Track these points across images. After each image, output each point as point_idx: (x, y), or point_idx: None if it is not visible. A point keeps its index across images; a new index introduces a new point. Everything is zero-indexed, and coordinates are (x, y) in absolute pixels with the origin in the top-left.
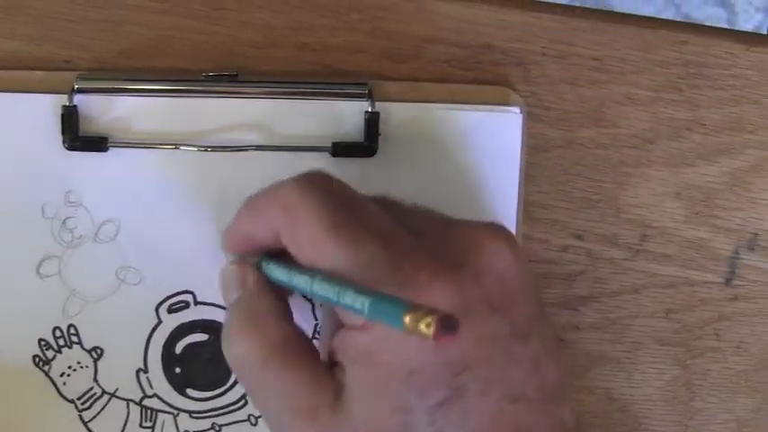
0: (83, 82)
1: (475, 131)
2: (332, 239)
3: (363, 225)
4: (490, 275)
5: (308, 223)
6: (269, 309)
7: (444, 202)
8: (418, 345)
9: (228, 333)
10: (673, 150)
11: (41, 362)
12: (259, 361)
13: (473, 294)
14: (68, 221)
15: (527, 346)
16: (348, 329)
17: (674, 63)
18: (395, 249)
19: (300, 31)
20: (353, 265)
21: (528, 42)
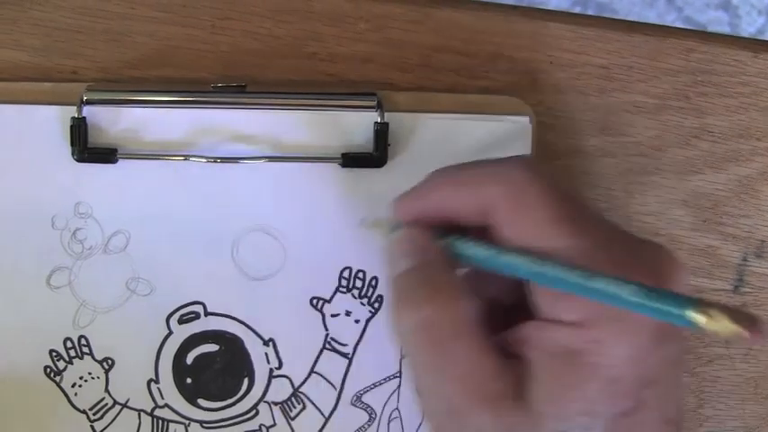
0: (91, 93)
1: (484, 141)
2: (566, 227)
3: (589, 220)
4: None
5: (539, 208)
6: (457, 281)
7: None
8: (628, 354)
9: (406, 300)
10: (680, 158)
11: (53, 373)
12: (447, 335)
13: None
14: (78, 233)
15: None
16: (548, 324)
17: (681, 71)
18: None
19: (307, 41)
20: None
21: (536, 51)
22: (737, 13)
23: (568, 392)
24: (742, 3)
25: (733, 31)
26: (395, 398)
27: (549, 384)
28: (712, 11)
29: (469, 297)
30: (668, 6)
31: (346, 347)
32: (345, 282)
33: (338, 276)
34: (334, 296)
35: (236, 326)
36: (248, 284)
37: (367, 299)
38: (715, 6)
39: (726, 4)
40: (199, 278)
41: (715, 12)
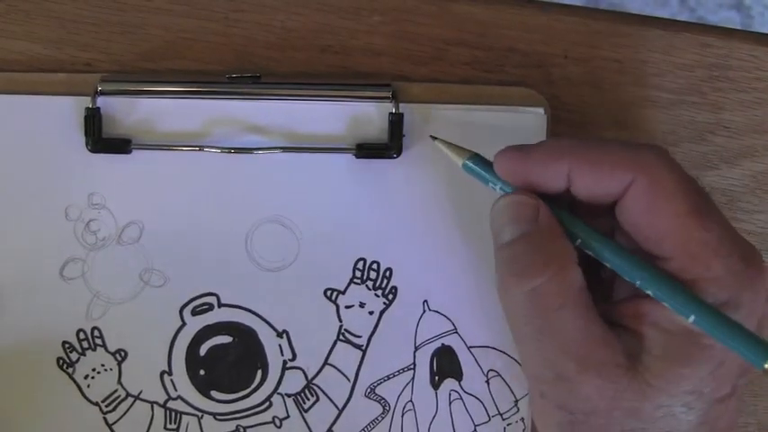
0: (106, 84)
1: (499, 132)
2: (696, 222)
3: (720, 215)
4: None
5: (673, 199)
6: (569, 251)
7: (468, 203)
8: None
9: (522, 268)
10: (695, 153)
11: (66, 364)
12: (555, 304)
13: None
14: (92, 224)
15: None
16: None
17: (696, 65)
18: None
19: (320, 34)
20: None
21: (550, 45)
22: (750, 14)
23: (682, 370)
24: (755, 3)
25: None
26: (408, 390)
27: (663, 360)
28: (725, 11)
29: (577, 266)
30: (681, 6)
31: (360, 339)
32: (359, 273)
33: (352, 267)
34: (348, 287)
35: (249, 317)
36: (262, 276)
37: (381, 290)
38: (728, 6)
39: (738, 4)
40: (212, 269)
41: (728, 12)
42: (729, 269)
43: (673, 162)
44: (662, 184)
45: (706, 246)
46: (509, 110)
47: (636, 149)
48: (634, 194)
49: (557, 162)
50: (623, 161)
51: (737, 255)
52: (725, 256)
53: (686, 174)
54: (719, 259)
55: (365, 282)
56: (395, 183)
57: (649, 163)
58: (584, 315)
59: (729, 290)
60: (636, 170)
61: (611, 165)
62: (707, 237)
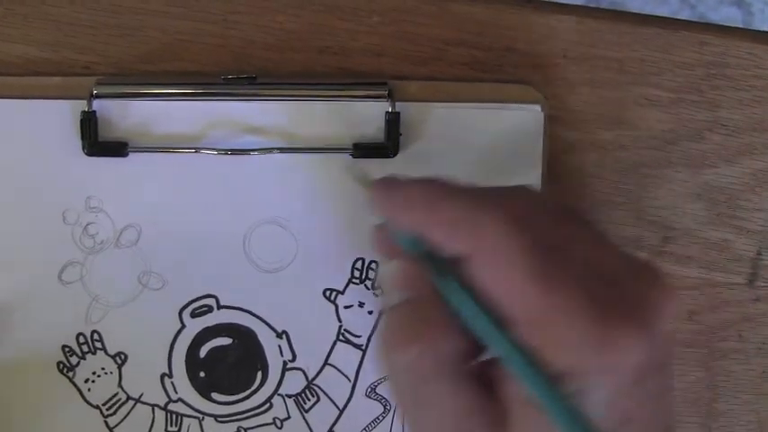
0: (101, 87)
1: (496, 130)
2: (536, 287)
3: (570, 275)
4: (666, 337)
5: (511, 265)
6: (441, 318)
7: None
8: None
9: (392, 339)
10: (694, 151)
11: (66, 368)
12: (426, 374)
13: (654, 353)
14: (90, 227)
15: (671, 394)
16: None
17: (694, 64)
18: (598, 304)
19: (319, 35)
20: (554, 318)
21: (548, 45)
22: (750, 11)
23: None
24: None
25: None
26: None
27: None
28: (725, 7)
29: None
30: (681, 3)
31: (360, 339)
32: (358, 273)
33: (351, 267)
34: (347, 287)
35: (249, 319)
36: (261, 277)
37: (380, 290)
38: (728, 3)
39: (739, 1)
40: (211, 271)
41: (728, 8)
42: (577, 334)
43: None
44: (499, 251)
45: (547, 312)
46: (506, 107)
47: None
48: (476, 259)
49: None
50: (462, 221)
51: (588, 318)
52: (569, 322)
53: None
54: (566, 325)
55: (364, 281)
56: None
57: (488, 228)
58: (458, 385)
59: (573, 358)
60: (474, 235)
61: (450, 223)
62: (549, 302)
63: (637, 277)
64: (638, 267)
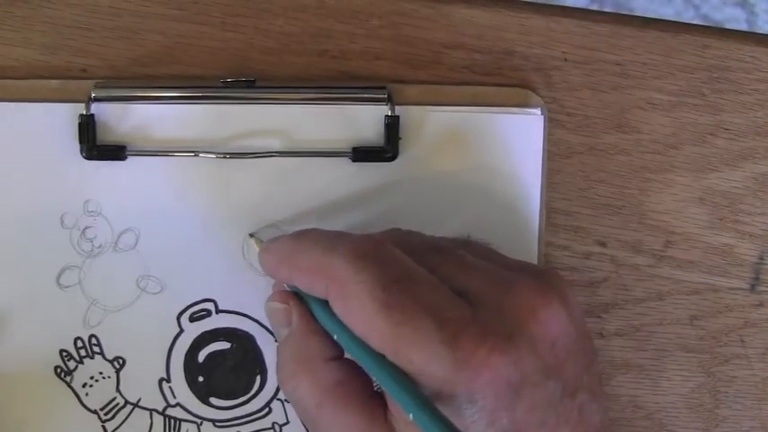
0: (100, 90)
1: (496, 134)
2: (385, 320)
3: (417, 303)
4: (544, 343)
5: (360, 302)
6: (319, 349)
7: (466, 206)
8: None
9: (282, 376)
10: (696, 156)
11: (63, 373)
12: (313, 404)
13: (528, 364)
14: (88, 231)
15: (575, 400)
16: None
17: (696, 67)
18: (450, 327)
19: (319, 38)
20: (408, 346)
21: (549, 48)
22: (754, 11)
23: None
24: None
25: (749, 29)
26: None
27: None
28: (729, 8)
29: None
30: (685, 4)
31: None
32: None
33: None
34: None
35: (247, 323)
36: (259, 281)
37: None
38: (732, 4)
39: (743, 1)
40: (210, 275)
41: (732, 9)
42: (431, 357)
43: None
44: (347, 289)
45: (401, 340)
46: (506, 111)
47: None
48: (331, 301)
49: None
50: (316, 267)
51: (438, 340)
52: (423, 346)
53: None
54: (417, 350)
55: None
56: (392, 186)
57: (336, 269)
58: (342, 409)
59: (438, 380)
60: (327, 278)
61: (307, 270)
62: (399, 331)
63: (505, 293)
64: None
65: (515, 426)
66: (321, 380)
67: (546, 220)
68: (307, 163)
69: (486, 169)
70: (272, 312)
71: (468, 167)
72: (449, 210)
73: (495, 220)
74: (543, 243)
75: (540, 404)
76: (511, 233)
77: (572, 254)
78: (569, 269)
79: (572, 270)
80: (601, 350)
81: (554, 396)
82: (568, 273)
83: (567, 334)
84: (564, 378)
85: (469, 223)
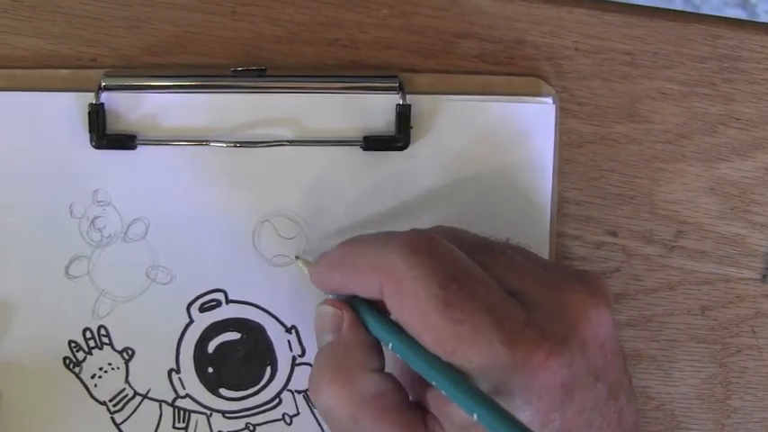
0: (109, 79)
1: (507, 123)
2: (443, 318)
3: (475, 301)
4: (594, 344)
5: (416, 299)
6: (362, 359)
7: (477, 195)
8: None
9: (318, 381)
10: (707, 145)
11: (72, 364)
12: (348, 415)
13: (580, 366)
14: (97, 221)
15: (617, 402)
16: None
17: (707, 57)
18: (508, 328)
19: (329, 27)
20: (466, 345)
21: (560, 37)
22: (755, 12)
23: None
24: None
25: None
26: None
27: None
28: (730, 8)
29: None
30: (685, 4)
31: None
32: None
33: None
34: None
35: (257, 313)
36: (270, 271)
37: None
38: (733, 4)
39: (744, 2)
40: (219, 265)
41: (734, 9)
42: (490, 357)
43: (414, 255)
44: (403, 285)
45: (460, 339)
46: (517, 100)
47: (384, 250)
48: (386, 298)
49: (332, 274)
50: (370, 265)
51: (498, 340)
52: (483, 346)
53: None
54: (476, 350)
55: None
56: (403, 175)
57: (391, 265)
58: (380, 422)
59: (495, 380)
60: (380, 275)
61: (361, 270)
62: (458, 330)
63: (556, 295)
64: (559, 284)
65: (565, 427)
66: (359, 391)
67: (558, 211)
68: (317, 152)
69: (498, 158)
70: (323, 317)
71: (479, 156)
72: (460, 199)
73: (506, 209)
74: (555, 232)
75: (588, 406)
76: (523, 222)
77: (583, 244)
78: (580, 259)
79: (583, 260)
80: None
81: (600, 398)
82: (579, 263)
83: (613, 335)
84: (609, 380)
85: (481, 212)
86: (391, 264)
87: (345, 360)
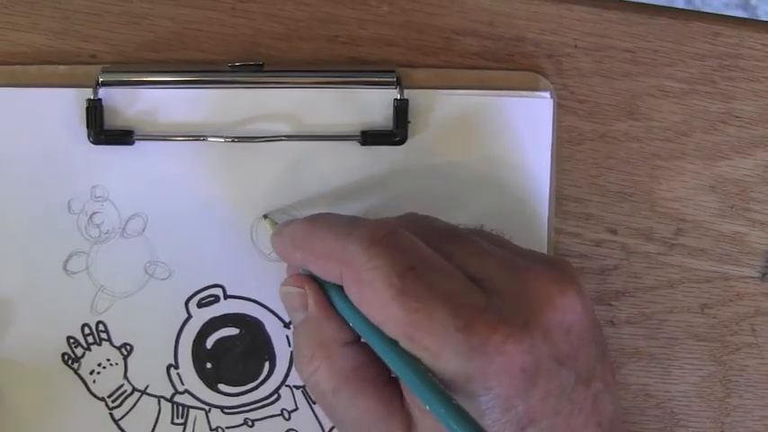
0: (107, 75)
1: (505, 118)
2: (400, 306)
3: (432, 289)
4: (559, 330)
5: (375, 289)
6: (335, 333)
7: (474, 190)
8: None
9: (299, 360)
10: (707, 143)
11: (71, 360)
12: (330, 389)
13: (543, 352)
14: (95, 217)
15: (589, 389)
16: None
17: (707, 55)
18: (465, 314)
19: (328, 24)
20: (423, 332)
21: (560, 34)
22: (756, 13)
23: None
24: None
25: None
26: None
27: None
28: (731, 10)
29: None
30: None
31: None
32: None
33: None
34: None
35: (256, 308)
36: (268, 266)
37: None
38: (734, 6)
39: (745, 3)
40: (218, 261)
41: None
42: (446, 344)
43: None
44: (362, 276)
45: (417, 326)
46: (515, 95)
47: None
48: (346, 287)
49: (293, 251)
50: (332, 253)
51: (453, 327)
52: (439, 332)
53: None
54: (433, 337)
55: None
56: (401, 170)
57: (351, 256)
58: (359, 395)
59: (453, 367)
60: (341, 263)
61: (321, 256)
62: (415, 318)
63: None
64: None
65: (529, 413)
66: (338, 365)
67: (556, 208)
68: (315, 147)
69: (496, 154)
70: (286, 297)
71: (477, 151)
72: (457, 194)
73: (503, 204)
74: (553, 229)
75: (554, 392)
76: (520, 219)
77: (583, 241)
78: (580, 257)
79: (583, 258)
80: (611, 338)
81: (567, 384)
82: (579, 260)
83: (582, 322)
84: (578, 366)
85: (478, 207)
86: (351, 255)
87: (319, 337)
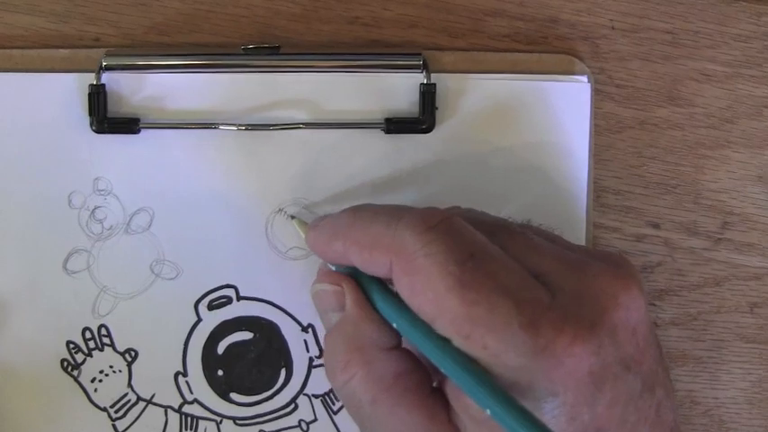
0: (111, 59)
1: (539, 104)
2: (458, 298)
3: (493, 281)
4: (625, 330)
5: (430, 278)
6: (375, 337)
7: (507, 182)
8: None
9: (333, 367)
10: (753, 130)
11: (70, 366)
12: (367, 399)
13: (610, 355)
14: (97, 211)
15: (653, 397)
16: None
17: (751, 36)
18: (529, 310)
19: (349, 4)
20: (482, 328)
21: (596, 15)
22: None
23: None
24: None
25: None
26: None
27: None
28: None
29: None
30: None
31: None
32: None
33: None
34: None
35: (271, 311)
36: (284, 265)
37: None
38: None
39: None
40: (230, 259)
41: None
42: (508, 342)
43: (434, 234)
44: (416, 263)
45: (476, 322)
46: (550, 79)
47: (394, 227)
48: (396, 279)
49: (332, 243)
50: (381, 242)
51: (517, 324)
52: (500, 329)
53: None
54: (493, 334)
55: None
56: (428, 160)
57: (403, 243)
58: (401, 405)
59: (514, 369)
60: (389, 253)
61: (367, 246)
62: (474, 312)
63: (581, 277)
64: (585, 265)
65: (596, 422)
66: (377, 372)
67: (595, 201)
68: (336, 135)
69: (529, 142)
70: (320, 295)
71: (509, 140)
72: (489, 186)
73: (539, 196)
74: (591, 223)
75: (622, 399)
76: (557, 211)
77: (623, 236)
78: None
79: (623, 254)
80: None
81: (634, 391)
82: None
83: (645, 322)
84: (643, 371)
85: (511, 200)
86: (403, 241)
87: (357, 340)
